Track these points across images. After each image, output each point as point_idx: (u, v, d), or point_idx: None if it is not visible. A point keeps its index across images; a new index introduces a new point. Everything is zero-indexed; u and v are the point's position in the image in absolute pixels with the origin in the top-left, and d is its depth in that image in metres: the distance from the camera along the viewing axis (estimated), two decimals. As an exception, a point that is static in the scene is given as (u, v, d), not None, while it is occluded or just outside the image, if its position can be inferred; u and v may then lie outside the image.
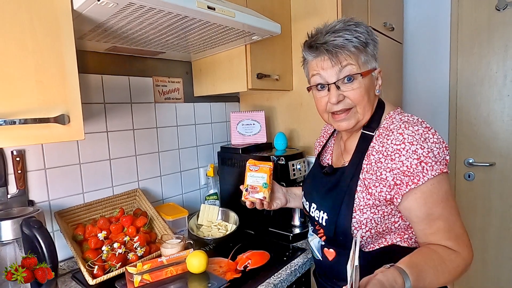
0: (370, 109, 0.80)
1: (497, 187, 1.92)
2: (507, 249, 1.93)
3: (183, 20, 0.92)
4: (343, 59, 0.76)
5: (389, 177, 0.72)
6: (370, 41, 0.78)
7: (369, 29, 0.79)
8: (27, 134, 0.72)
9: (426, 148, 0.70)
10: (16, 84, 0.70)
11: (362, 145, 0.80)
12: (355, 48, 0.76)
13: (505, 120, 1.87)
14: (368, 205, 0.76)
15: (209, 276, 1.00)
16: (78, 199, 1.18)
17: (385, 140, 0.74)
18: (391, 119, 0.79)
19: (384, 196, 0.74)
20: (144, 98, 1.38)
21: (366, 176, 0.77)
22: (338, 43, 0.75)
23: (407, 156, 0.70)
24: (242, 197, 1.01)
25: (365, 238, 0.78)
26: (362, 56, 0.77)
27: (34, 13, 0.72)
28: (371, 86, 0.79)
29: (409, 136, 0.71)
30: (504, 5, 1.80)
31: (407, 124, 0.73)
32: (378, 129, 0.80)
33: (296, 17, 1.51)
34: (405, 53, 2.20)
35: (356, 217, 0.77)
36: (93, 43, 1.09)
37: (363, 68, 0.77)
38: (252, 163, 1.04)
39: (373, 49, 0.79)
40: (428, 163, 0.69)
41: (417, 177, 0.69)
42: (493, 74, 1.88)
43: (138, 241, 1.09)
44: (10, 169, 1.02)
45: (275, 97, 1.66)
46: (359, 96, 0.77)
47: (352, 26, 0.77)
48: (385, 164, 0.73)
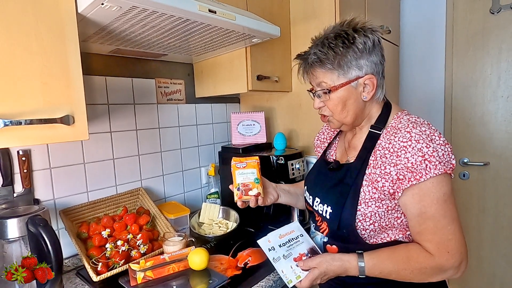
0: (354, 114, 0.82)
1: (492, 186, 1.92)
2: (501, 246, 1.93)
3: (185, 23, 0.92)
4: (318, 74, 0.81)
5: (393, 172, 0.73)
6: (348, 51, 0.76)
7: (350, 38, 0.76)
8: (32, 134, 0.72)
9: (431, 147, 0.70)
10: (22, 86, 0.70)
11: (369, 142, 0.81)
12: (329, 64, 0.78)
13: (499, 121, 1.87)
14: (373, 198, 0.77)
15: (210, 272, 1.00)
16: (83, 198, 1.19)
17: (392, 137, 0.75)
18: (398, 119, 0.80)
19: (387, 190, 0.74)
20: (147, 99, 1.38)
21: (372, 171, 0.77)
22: (313, 60, 0.79)
23: (413, 153, 0.70)
24: (235, 197, 0.95)
25: (369, 231, 0.78)
26: (336, 72, 0.78)
27: (40, 17, 0.72)
28: (350, 95, 0.80)
29: (416, 134, 0.72)
30: (498, 9, 1.80)
31: (415, 124, 0.74)
32: (385, 128, 0.81)
33: (295, 20, 1.51)
34: (401, 55, 2.20)
35: (361, 210, 0.78)
36: (97, 45, 1.09)
37: (337, 81, 0.79)
38: (238, 160, 0.97)
39: (353, 58, 0.76)
40: (432, 162, 0.69)
41: (420, 174, 0.70)
42: (488, 76, 1.88)
43: (141, 239, 1.09)
44: (16, 168, 1.02)
45: (275, 98, 1.66)
46: (332, 107, 0.82)
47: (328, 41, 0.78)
48: (390, 160, 0.74)
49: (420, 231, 0.73)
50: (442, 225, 0.71)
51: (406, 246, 0.76)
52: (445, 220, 0.71)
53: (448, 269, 0.72)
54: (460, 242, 0.72)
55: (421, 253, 0.73)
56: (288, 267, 0.82)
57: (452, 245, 0.71)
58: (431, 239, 0.72)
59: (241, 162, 0.96)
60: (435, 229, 0.71)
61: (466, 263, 0.73)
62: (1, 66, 0.67)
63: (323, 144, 1.06)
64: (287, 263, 0.83)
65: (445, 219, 0.71)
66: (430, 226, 0.72)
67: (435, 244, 0.72)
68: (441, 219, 0.71)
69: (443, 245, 0.71)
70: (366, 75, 0.78)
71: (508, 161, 1.86)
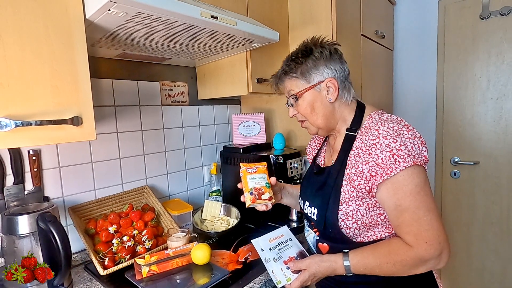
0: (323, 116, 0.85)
1: (481, 184, 1.92)
2: (490, 242, 1.93)
3: (188, 29, 0.92)
4: (286, 84, 0.88)
5: (365, 169, 0.73)
6: (307, 60, 0.82)
7: (308, 49, 0.83)
8: (42, 134, 0.72)
9: (398, 142, 0.69)
10: (32, 89, 0.70)
11: (346, 144, 0.82)
12: (293, 73, 0.85)
13: (488, 122, 1.87)
14: (352, 197, 0.76)
15: (212, 267, 1.00)
16: (90, 195, 1.19)
17: (364, 137, 0.76)
18: (371, 119, 0.80)
19: (363, 188, 0.74)
20: (151, 101, 1.38)
21: (350, 171, 0.77)
22: (281, 72, 0.88)
23: (381, 149, 0.70)
24: (248, 202, 0.90)
25: (353, 229, 0.78)
26: (300, 79, 0.84)
27: (49, 23, 0.72)
28: (316, 98, 0.84)
29: (383, 131, 0.71)
30: (488, 15, 1.80)
31: (383, 122, 0.74)
32: (360, 129, 0.81)
33: (294, 26, 1.51)
34: (395, 59, 2.20)
35: (342, 209, 0.77)
36: (104, 50, 1.09)
37: (302, 87, 0.84)
38: (248, 166, 0.95)
39: (312, 65, 0.82)
40: (400, 156, 0.68)
41: (390, 169, 0.69)
42: (477, 79, 1.88)
43: (146, 235, 1.09)
44: (26, 167, 1.02)
45: (274, 100, 1.65)
46: (302, 111, 0.86)
47: (292, 56, 0.86)
48: (363, 158, 0.74)
49: (398, 224, 0.72)
50: (418, 216, 0.69)
51: (388, 241, 0.76)
52: (420, 211, 0.69)
53: (428, 260, 0.70)
54: (438, 232, 0.69)
55: (401, 246, 0.72)
56: (278, 270, 0.82)
57: (430, 235, 0.68)
58: (409, 231, 0.70)
59: (251, 167, 0.95)
60: (412, 220, 0.70)
61: (447, 253, 0.70)
62: (13, 70, 0.67)
63: (314, 151, 1.07)
64: (278, 266, 0.83)
65: (420, 210, 0.69)
66: (407, 218, 0.70)
67: (413, 236, 0.70)
68: (416, 211, 0.69)
69: (420, 236, 0.69)
70: (327, 79, 0.82)
71: (497, 160, 1.86)
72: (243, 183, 0.94)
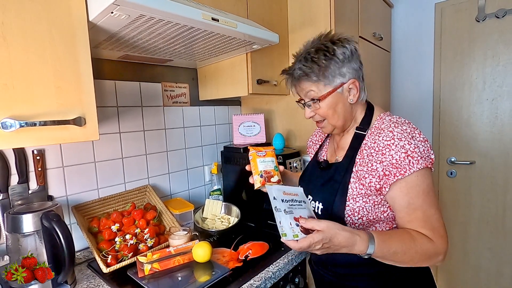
0: (344, 117, 0.83)
1: (477, 183, 1.92)
2: (486, 240, 1.93)
3: (190, 31, 0.92)
4: (305, 86, 0.82)
5: (379, 168, 0.73)
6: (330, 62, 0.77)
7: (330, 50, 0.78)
8: (46, 135, 0.72)
9: (413, 144, 0.71)
10: (36, 90, 0.70)
11: (355, 143, 0.82)
12: (314, 76, 0.79)
13: (484, 122, 1.87)
14: (360, 194, 0.77)
15: (213, 265, 1.00)
16: (93, 194, 1.19)
17: (377, 137, 0.76)
18: (381, 120, 0.81)
19: (374, 186, 0.75)
20: (153, 102, 1.38)
21: (359, 169, 0.78)
22: (299, 74, 0.81)
23: (396, 150, 0.71)
24: (258, 184, 0.89)
25: (357, 224, 0.79)
26: (322, 82, 0.79)
27: (53, 25, 0.72)
28: (338, 100, 0.81)
29: (398, 133, 0.72)
30: (484, 17, 1.80)
31: (396, 124, 0.75)
32: (370, 129, 0.82)
33: (293, 28, 1.51)
34: (392, 61, 2.20)
35: (349, 205, 0.78)
36: (107, 51, 1.09)
37: (324, 90, 0.80)
38: (257, 149, 0.94)
39: (336, 68, 0.78)
40: (414, 157, 0.70)
41: (404, 169, 0.70)
42: (474, 80, 1.88)
43: (148, 233, 1.09)
44: (31, 167, 1.02)
45: (274, 101, 1.65)
46: (324, 113, 0.82)
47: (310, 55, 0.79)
48: (376, 157, 0.74)
49: (410, 220, 0.73)
50: (430, 214, 0.72)
51: (405, 229, 0.73)
52: (431, 209, 0.72)
53: (440, 253, 0.71)
54: (444, 229, 0.73)
55: (423, 237, 0.71)
56: (287, 223, 0.70)
57: (441, 230, 0.72)
58: (424, 226, 0.72)
59: (260, 151, 0.94)
60: (425, 218, 0.72)
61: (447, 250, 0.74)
62: (18, 71, 0.67)
63: (315, 145, 1.07)
64: (287, 219, 0.71)
65: (431, 208, 0.72)
66: (420, 216, 0.72)
67: (430, 231, 0.71)
68: (428, 209, 0.72)
69: (436, 231, 0.71)
70: (350, 80, 0.80)
71: (493, 160, 1.86)
72: (252, 166, 0.93)
